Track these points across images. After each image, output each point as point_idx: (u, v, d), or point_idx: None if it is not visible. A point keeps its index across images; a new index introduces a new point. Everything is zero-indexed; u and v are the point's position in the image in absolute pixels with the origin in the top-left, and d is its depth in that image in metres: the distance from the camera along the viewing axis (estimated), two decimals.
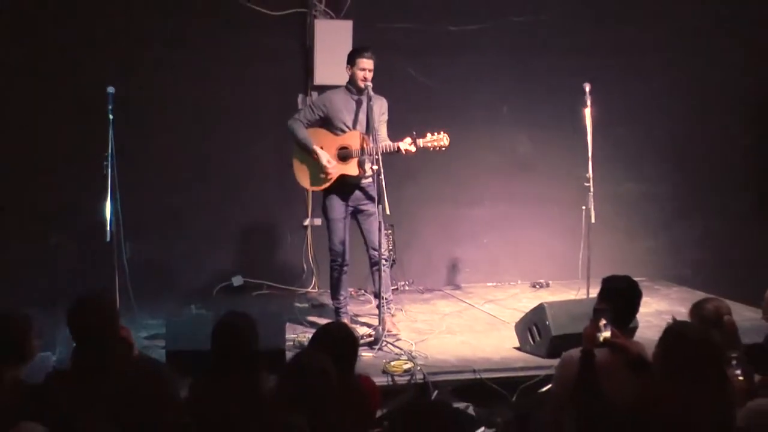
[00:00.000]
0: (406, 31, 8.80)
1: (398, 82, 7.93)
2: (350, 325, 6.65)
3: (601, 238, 7.94)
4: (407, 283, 8.80)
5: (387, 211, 6.93)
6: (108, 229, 6.82)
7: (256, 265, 9.06)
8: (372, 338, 6.98)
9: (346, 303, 7.59)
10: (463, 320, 8.11)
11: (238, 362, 4.66)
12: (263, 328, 5.03)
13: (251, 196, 8.93)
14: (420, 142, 7.08)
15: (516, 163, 9.45)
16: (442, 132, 7.11)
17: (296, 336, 6.82)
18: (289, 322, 7.10)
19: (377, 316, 7.08)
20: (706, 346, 4.67)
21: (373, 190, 6.94)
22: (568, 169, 8.27)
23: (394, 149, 7.06)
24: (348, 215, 7.30)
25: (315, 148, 7.11)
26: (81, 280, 6.67)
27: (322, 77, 8.66)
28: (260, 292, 8.95)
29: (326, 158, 7.09)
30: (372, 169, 6.93)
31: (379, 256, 7.07)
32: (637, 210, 9.57)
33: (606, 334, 4.64)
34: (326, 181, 7.19)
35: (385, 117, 7.23)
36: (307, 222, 9.05)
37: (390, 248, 8.11)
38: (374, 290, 7.19)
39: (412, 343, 7.06)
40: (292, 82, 8.93)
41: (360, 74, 7.04)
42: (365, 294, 8.55)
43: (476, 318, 8.22)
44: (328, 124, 7.21)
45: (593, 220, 7.66)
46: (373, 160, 6.91)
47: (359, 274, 8.10)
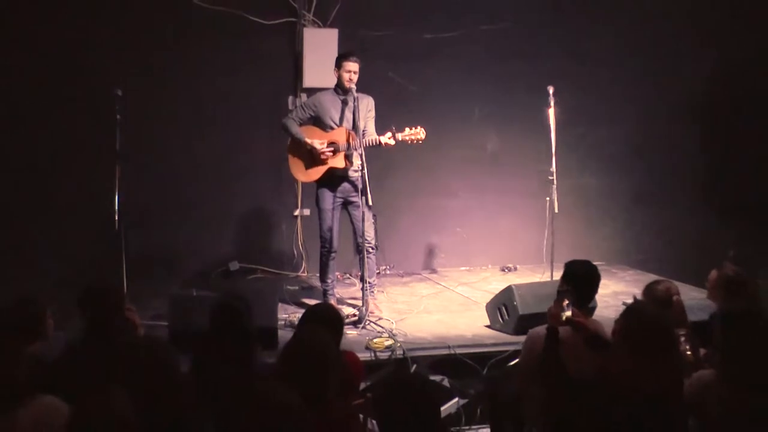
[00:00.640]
0: (387, 39, 8.78)
1: (379, 85, 7.90)
2: (336, 305, 6.66)
3: (564, 226, 7.95)
4: (388, 267, 8.81)
5: (369, 202, 6.96)
6: (116, 219, 6.83)
7: (251, 251, 9.05)
8: (356, 318, 6.99)
9: (334, 286, 7.60)
10: (438, 301, 8.13)
11: (235, 339, 4.66)
12: (257, 308, 5.04)
13: (246, 189, 8.91)
14: (399, 135, 7.08)
15: (486, 158, 9.45)
16: (419, 126, 7.11)
17: (287, 316, 6.84)
18: (280, 303, 7.11)
19: (361, 298, 7.08)
20: (659, 323, 4.71)
21: (361, 183, 6.94)
22: (534, 164, 8.28)
23: (376, 143, 7.05)
24: (337, 206, 7.28)
25: (307, 140, 7.11)
26: (91, 266, 6.65)
27: (310, 80, 8.64)
28: (255, 276, 8.94)
29: (319, 143, 7.09)
30: (360, 160, 6.92)
31: (363, 243, 7.09)
32: (595, 201, 9.60)
33: (568, 313, 4.65)
34: (320, 170, 7.19)
35: (372, 114, 7.22)
36: (297, 212, 9.04)
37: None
38: (359, 274, 7.17)
39: (392, 322, 7.07)
40: (283, 84, 8.91)
41: (346, 75, 7.03)
42: (350, 278, 8.55)
43: (451, 299, 8.23)
44: (318, 122, 7.21)
45: (556, 210, 7.69)
46: (358, 155, 6.92)
47: (346, 260, 8.11)
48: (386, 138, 7.06)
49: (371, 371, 6.05)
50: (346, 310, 7.13)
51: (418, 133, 7.12)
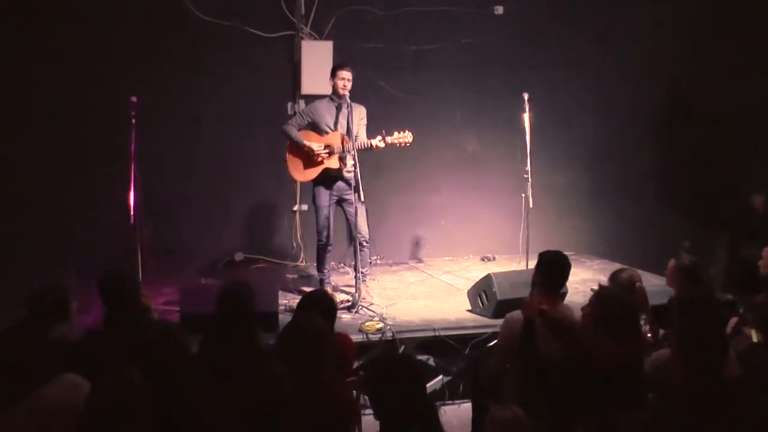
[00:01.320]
0: (377, 50, 8.79)
1: (370, 92, 7.91)
2: (331, 292, 6.67)
3: (537, 220, 7.97)
4: (378, 258, 8.80)
5: (362, 198, 6.98)
6: (131, 214, 6.83)
7: (254, 243, 9.05)
8: (350, 303, 7.01)
9: (329, 275, 7.61)
10: (424, 288, 8.13)
11: (239, 323, 4.66)
12: (260, 295, 5.04)
13: (250, 187, 8.91)
14: (388, 138, 7.08)
15: (467, 159, 9.46)
16: (407, 131, 7.12)
17: (287, 302, 6.84)
18: (281, 290, 7.11)
19: (355, 286, 7.09)
20: (623, 306, 4.74)
21: (354, 181, 6.95)
22: (510, 164, 8.28)
23: (367, 146, 7.05)
24: (332, 203, 7.28)
25: (306, 143, 7.11)
26: (110, 256, 6.65)
27: (307, 88, 8.65)
28: (258, 266, 8.93)
29: (317, 146, 7.10)
30: (353, 161, 6.93)
31: (357, 237, 7.10)
32: (566, 197, 9.60)
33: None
34: (316, 170, 7.19)
35: (364, 122, 7.21)
36: (296, 208, 9.03)
37: None
38: (353, 264, 7.18)
39: (383, 307, 7.09)
40: (283, 91, 8.90)
41: (340, 83, 7.03)
42: (345, 267, 8.55)
43: (436, 286, 8.24)
44: (314, 127, 7.20)
45: (531, 205, 7.71)
46: (351, 156, 6.92)
47: (340, 251, 8.12)
48: (377, 141, 7.06)
49: (363, 352, 6.07)
50: (340, 297, 7.15)
51: (406, 136, 7.13)
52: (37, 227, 7.92)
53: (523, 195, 7.73)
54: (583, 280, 7.61)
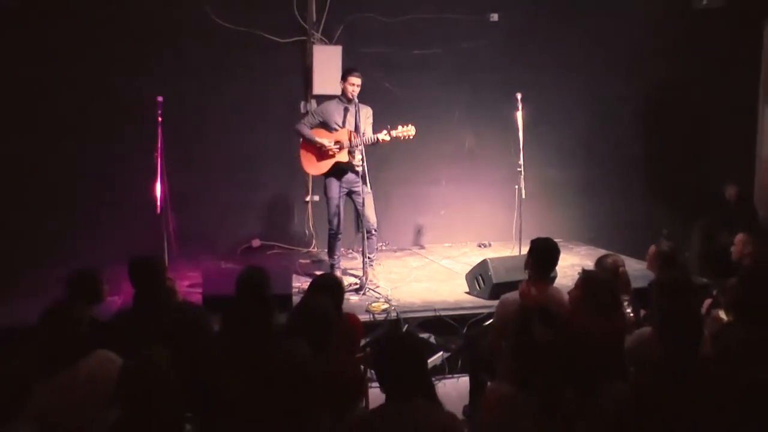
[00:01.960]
0: (382, 54, 8.78)
1: (376, 92, 7.91)
2: (341, 276, 6.69)
3: (529, 210, 7.95)
4: (384, 244, 8.81)
5: (369, 189, 6.99)
6: (158, 203, 6.85)
7: (270, 231, 9.06)
8: (358, 285, 7.01)
9: (339, 260, 7.62)
10: (426, 272, 8.14)
11: (256, 304, 4.67)
12: (275, 278, 5.05)
13: (265, 179, 8.91)
14: (393, 132, 7.07)
15: (465, 153, 9.46)
16: (410, 124, 7.12)
17: (300, 284, 6.84)
18: (294, 273, 7.12)
19: (362, 270, 7.10)
20: (608, 288, 4.77)
21: (362, 173, 6.96)
22: (505, 158, 8.27)
23: (374, 140, 7.05)
24: (342, 194, 7.27)
25: (318, 139, 7.12)
26: (138, 242, 6.65)
27: (318, 88, 8.65)
28: (273, 252, 8.94)
29: (328, 142, 7.11)
30: (360, 155, 6.93)
31: (365, 225, 7.11)
32: (555, 189, 9.60)
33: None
34: (327, 164, 7.19)
35: (370, 121, 7.20)
36: (308, 198, 9.03)
37: None
38: (360, 250, 7.19)
39: (388, 290, 7.10)
40: (296, 92, 8.90)
41: (350, 88, 7.02)
42: (353, 253, 8.55)
43: (436, 270, 8.24)
44: (324, 125, 7.20)
45: (523, 196, 7.70)
46: (359, 151, 6.92)
47: (349, 238, 8.13)
48: (383, 135, 7.06)
49: (370, 330, 6.08)
50: (349, 280, 7.16)
51: (410, 130, 7.12)
52: (74, 217, 7.96)
53: (517, 187, 7.72)
54: (572, 265, 7.61)
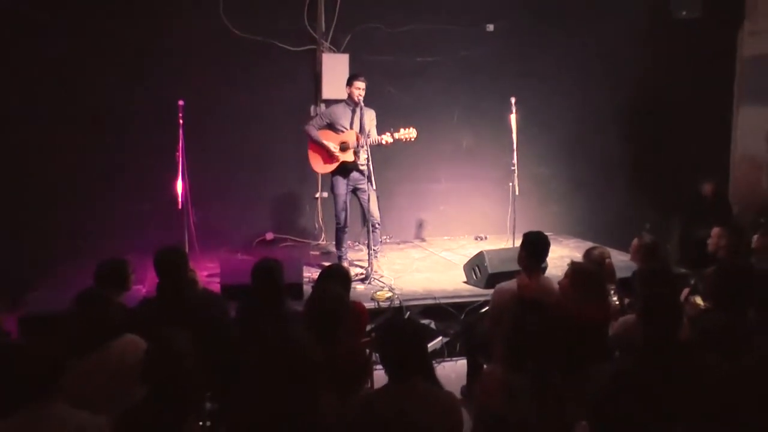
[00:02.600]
0: (387, 62, 8.78)
1: (381, 97, 7.91)
2: (348, 266, 6.70)
3: (522, 205, 7.96)
4: (387, 237, 8.82)
5: (374, 187, 6.99)
6: (180, 199, 6.87)
7: (283, 225, 9.07)
8: (364, 275, 7.04)
9: (346, 252, 7.61)
10: (427, 263, 8.15)
11: (270, 292, 4.69)
12: (287, 268, 5.05)
13: (278, 177, 8.93)
14: (396, 134, 7.08)
15: (463, 153, 9.46)
16: (411, 127, 7.12)
17: (310, 274, 6.84)
18: (305, 264, 7.11)
19: (367, 261, 7.13)
20: (594, 278, 4.78)
21: (367, 172, 6.97)
22: (500, 157, 8.28)
23: (378, 142, 7.06)
24: (349, 191, 7.28)
25: (325, 143, 7.13)
26: (162, 236, 6.67)
27: (327, 93, 8.66)
28: (285, 244, 8.96)
29: (333, 146, 7.11)
30: (365, 155, 6.94)
31: (370, 220, 7.12)
32: (546, 186, 9.60)
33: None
34: (332, 165, 7.20)
35: (374, 123, 7.20)
36: (317, 195, 9.04)
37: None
38: (366, 243, 7.20)
39: (391, 279, 7.12)
40: (306, 96, 8.91)
41: (355, 92, 7.03)
42: (359, 245, 8.56)
43: (436, 261, 8.25)
44: (332, 127, 7.21)
45: (517, 193, 7.71)
46: (364, 151, 6.93)
47: (355, 232, 8.14)
48: (386, 137, 7.07)
49: (375, 316, 6.11)
50: (355, 270, 7.18)
51: (411, 132, 7.12)
52: (103, 211, 7.99)
53: (511, 184, 7.72)
54: (561, 257, 7.62)
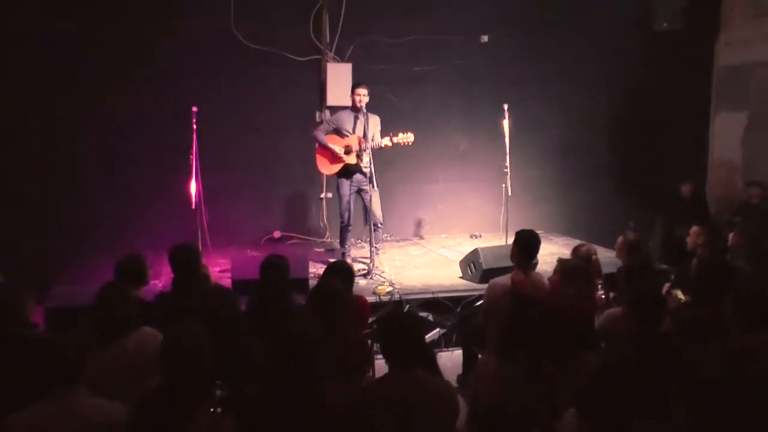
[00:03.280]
0: (387, 70, 8.75)
1: (382, 104, 7.89)
2: (351, 263, 6.69)
3: (515, 205, 7.96)
4: (388, 235, 8.82)
5: (375, 188, 6.99)
6: (193, 200, 6.87)
7: (290, 223, 9.06)
8: (366, 271, 7.04)
9: (350, 249, 7.63)
10: (425, 259, 8.15)
11: (277, 286, 4.69)
12: (294, 264, 5.07)
13: (285, 179, 8.93)
14: (394, 139, 7.08)
15: (459, 156, 9.45)
16: (409, 132, 7.11)
17: (315, 270, 6.85)
18: (311, 260, 7.12)
19: (369, 257, 7.12)
20: (582, 273, 4.77)
21: (369, 174, 6.97)
22: (493, 160, 8.26)
23: (378, 146, 7.07)
24: (352, 192, 7.29)
25: (330, 146, 7.13)
26: (176, 233, 6.67)
27: (331, 100, 8.64)
28: (292, 242, 8.95)
29: (338, 149, 7.13)
30: (368, 158, 6.94)
31: (372, 219, 7.13)
32: (537, 187, 9.57)
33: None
34: (337, 167, 7.20)
35: (379, 128, 7.19)
36: (322, 195, 9.03)
37: None
38: (368, 240, 7.19)
39: (392, 275, 7.12)
40: (312, 103, 8.90)
41: (357, 98, 7.04)
42: (361, 243, 8.55)
43: (434, 258, 8.25)
44: (337, 131, 7.22)
45: (510, 193, 7.71)
46: (367, 154, 6.93)
47: (357, 230, 8.13)
48: (386, 141, 7.07)
49: (376, 309, 6.09)
50: (358, 266, 7.17)
51: (409, 137, 7.11)
52: (121, 211, 8.00)
53: (504, 185, 7.73)
54: (551, 253, 7.62)
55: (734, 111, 10.05)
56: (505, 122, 7.70)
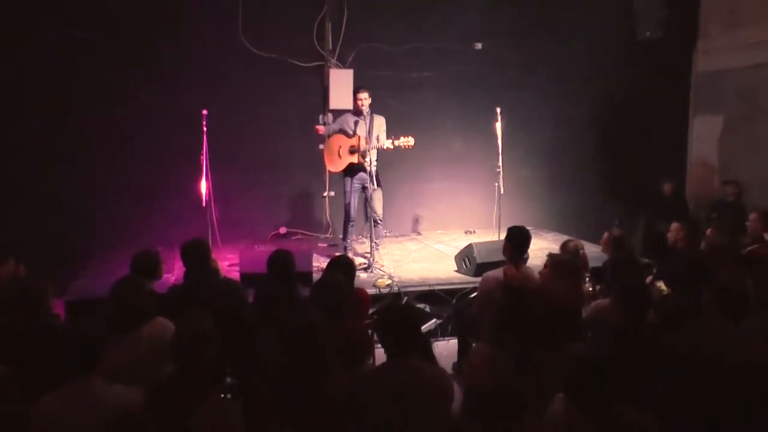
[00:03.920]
0: (387, 77, 8.77)
1: (382, 107, 7.85)
2: (352, 257, 6.69)
3: (507, 203, 7.93)
4: (387, 231, 8.81)
5: (376, 186, 7.01)
6: (204, 198, 6.87)
7: (294, 220, 9.06)
8: (366, 265, 7.03)
9: (351, 244, 7.62)
10: (422, 254, 8.14)
11: (283, 280, 4.69)
12: (298, 258, 5.07)
13: (291, 178, 8.92)
14: (396, 142, 7.07)
15: (454, 156, 9.44)
16: (410, 136, 7.11)
17: (319, 264, 6.84)
18: (314, 255, 7.12)
19: (370, 252, 7.12)
20: (571, 267, 4.77)
21: (372, 172, 6.98)
22: (487, 160, 8.22)
23: (381, 147, 7.07)
24: (356, 189, 7.28)
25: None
26: (188, 230, 6.66)
27: (334, 104, 8.61)
28: (297, 237, 8.96)
29: (343, 150, 7.16)
30: (371, 157, 6.95)
31: (372, 215, 7.13)
32: (527, 186, 9.55)
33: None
34: (344, 163, 7.21)
35: (384, 128, 7.19)
36: (325, 194, 9.03)
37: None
38: (369, 236, 7.19)
39: (391, 268, 7.10)
40: (315, 107, 8.89)
41: (359, 102, 7.06)
42: (362, 238, 8.55)
43: (431, 252, 8.25)
44: (343, 132, 7.22)
45: (502, 192, 7.69)
46: (367, 153, 6.94)
47: (359, 226, 8.13)
48: (388, 143, 7.07)
49: (376, 301, 6.09)
50: (359, 260, 7.16)
51: (409, 140, 7.10)
52: (136, 208, 8.01)
53: (496, 184, 7.71)
54: (541, 248, 7.63)
55: (711, 114, 10.15)
56: (498, 125, 7.69)
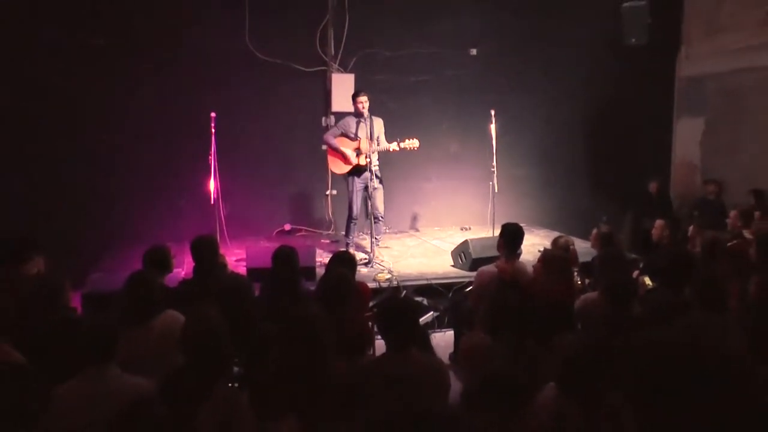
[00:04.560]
0: (386, 81, 8.75)
1: (381, 110, 7.84)
2: (354, 252, 6.69)
3: (501, 200, 7.93)
4: (387, 228, 8.81)
5: (377, 185, 7.03)
6: (212, 196, 6.86)
7: (299, 217, 9.04)
8: (367, 260, 7.03)
9: (353, 240, 7.61)
10: (420, 250, 8.14)
11: (288, 274, 4.69)
12: (302, 254, 5.07)
13: (295, 177, 8.91)
14: (401, 144, 7.06)
15: (451, 156, 9.43)
16: (414, 138, 7.10)
17: (322, 259, 6.84)
18: (318, 251, 7.10)
19: (370, 248, 7.12)
20: (561, 262, 4.77)
21: (374, 172, 6.98)
22: (481, 160, 8.24)
23: (386, 149, 7.07)
24: (360, 189, 7.25)
25: (342, 149, 7.13)
26: (197, 226, 6.66)
27: (336, 107, 8.61)
28: (301, 234, 8.94)
29: (349, 152, 7.13)
30: (370, 159, 6.94)
31: (374, 213, 7.13)
32: (521, 185, 9.57)
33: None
34: (348, 167, 7.19)
35: (383, 129, 7.20)
36: (328, 192, 9.02)
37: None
38: (370, 233, 7.19)
39: (390, 263, 7.11)
40: (318, 109, 8.88)
41: (359, 105, 7.04)
42: (364, 235, 8.53)
43: (428, 248, 8.24)
44: (346, 135, 7.20)
45: (496, 190, 7.68)
46: (370, 155, 6.93)
47: (361, 223, 8.11)
48: (393, 145, 7.06)
49: (376, 295, 6.08)
50: (360, 256, 7.16)
51: (414, 142, 7.08)
52: (147, 206, 8.00)
53: (491, 183, 7.70)
54: (533, 244, 7.60)
55: (693, 117, 10.20)
56: (492, 126, 7.69)
